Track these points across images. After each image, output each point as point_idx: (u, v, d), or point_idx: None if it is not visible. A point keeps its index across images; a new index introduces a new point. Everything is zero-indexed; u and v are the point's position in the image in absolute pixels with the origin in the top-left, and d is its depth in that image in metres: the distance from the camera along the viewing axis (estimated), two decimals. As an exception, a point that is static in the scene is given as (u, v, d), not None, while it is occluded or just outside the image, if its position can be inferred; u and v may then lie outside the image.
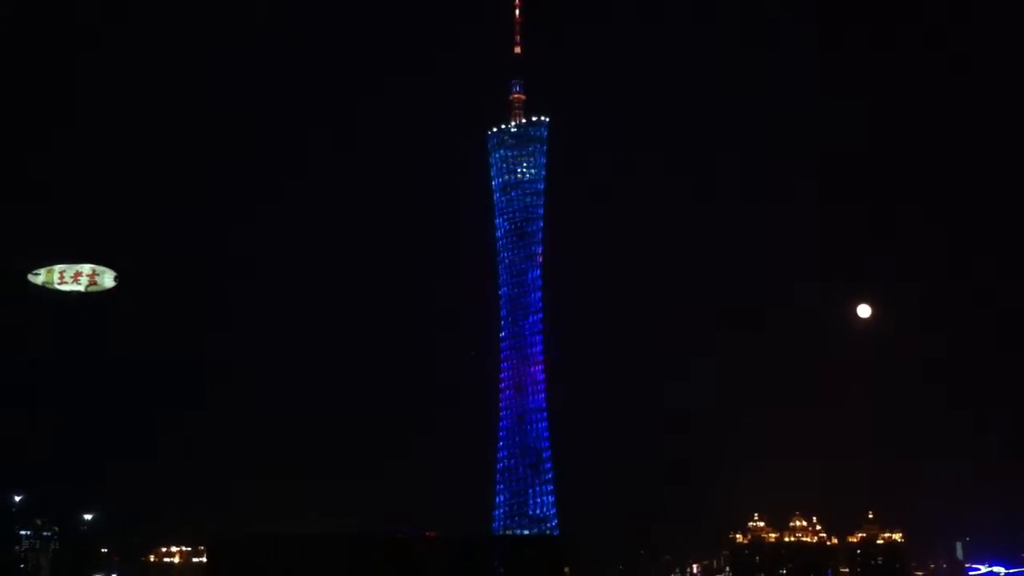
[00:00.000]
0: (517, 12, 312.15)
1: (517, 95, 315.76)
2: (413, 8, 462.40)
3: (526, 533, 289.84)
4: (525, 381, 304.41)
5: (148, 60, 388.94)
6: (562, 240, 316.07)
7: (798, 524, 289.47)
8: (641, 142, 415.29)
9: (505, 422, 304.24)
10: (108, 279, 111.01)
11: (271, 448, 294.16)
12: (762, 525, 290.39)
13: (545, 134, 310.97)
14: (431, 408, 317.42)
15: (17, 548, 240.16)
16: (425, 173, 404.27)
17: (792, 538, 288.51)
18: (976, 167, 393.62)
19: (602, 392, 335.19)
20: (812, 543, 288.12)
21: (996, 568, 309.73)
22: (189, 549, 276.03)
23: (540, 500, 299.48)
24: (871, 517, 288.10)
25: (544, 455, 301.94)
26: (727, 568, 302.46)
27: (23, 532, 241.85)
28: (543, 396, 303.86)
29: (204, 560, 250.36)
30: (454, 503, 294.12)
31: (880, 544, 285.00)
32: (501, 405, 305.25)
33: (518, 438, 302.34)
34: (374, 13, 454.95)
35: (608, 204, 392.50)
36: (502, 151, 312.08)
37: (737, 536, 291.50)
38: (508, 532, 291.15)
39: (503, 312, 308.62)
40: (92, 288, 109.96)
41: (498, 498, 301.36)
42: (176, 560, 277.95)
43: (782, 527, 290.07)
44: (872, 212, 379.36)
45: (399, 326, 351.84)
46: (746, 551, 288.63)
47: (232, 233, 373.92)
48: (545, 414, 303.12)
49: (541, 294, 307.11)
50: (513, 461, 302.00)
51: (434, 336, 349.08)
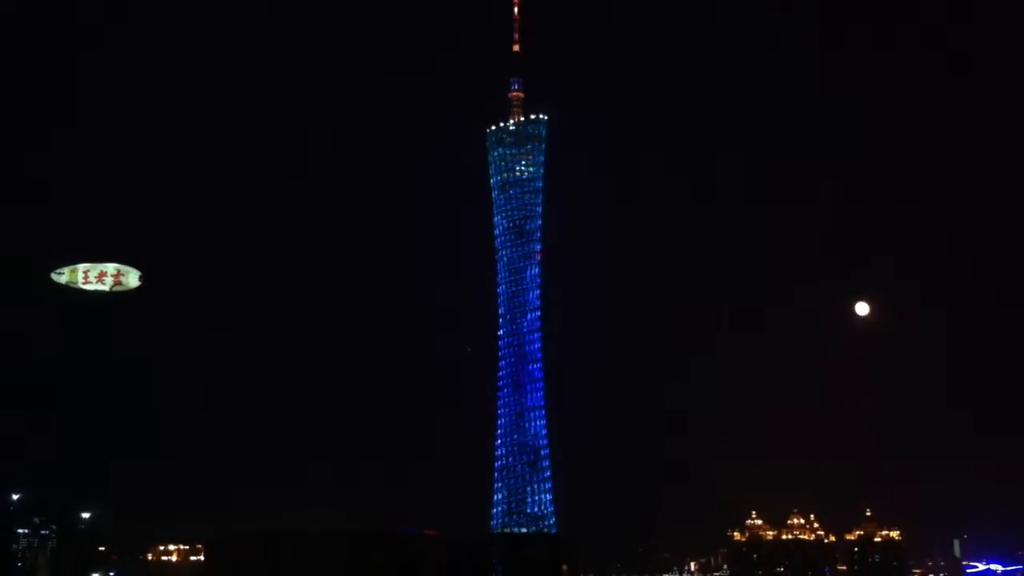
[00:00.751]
0: (516, 10, 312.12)
1: (516, 93, 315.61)
2: (412, 7, 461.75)
3: (524, 531, 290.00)
4: (523, 379, 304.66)
5: (148, 60, 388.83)
6: (561, 238, 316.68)
7: (796, 522, 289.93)
8: (641, 140, 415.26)
9: (503, 420, 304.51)
10: (133, 278, 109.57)
11: (270, 447, 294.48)
12: (760, 523, 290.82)
13: (544, 132, 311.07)
14: (430, 407, 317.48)
15: (15, 547, 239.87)
16: (424, 172, 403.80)
17: (790, 536, 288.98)
18: (976, 167, 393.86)
19: (600, 390, 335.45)
20: (810, 541, 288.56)
21: (993, 565, 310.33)
22: (187, 548, 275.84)
23: (538, 498, 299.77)
24: (869, 515, 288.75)
25: (542, 453, 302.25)
26: (725, 566, 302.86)
27: (21, 531, 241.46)
28: (541, 394, 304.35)
29: (202, 559, 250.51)
30: (453, 501, 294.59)
31: (878, 542, 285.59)
32: (499, 403, 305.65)
33: (516, 436, 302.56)
34: (373, 13, 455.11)
35: (607, 202, 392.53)
36: (501, 149, 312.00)
37: (735, 534, 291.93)
38: (506, 530, 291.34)
39: (501, 310, 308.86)
40: (117, 288, 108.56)
41: (496, 496, 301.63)
42: (174, 559, 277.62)
43: (780, 525, 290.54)
44: (872, 211, 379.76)
45: (397, 325, 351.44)
46: (744, 549, 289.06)
47: (232, 233, 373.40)
48: (543, 412, 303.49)
49: (540, 292, 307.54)
50: (511, 459, 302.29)
51: (432, 335, 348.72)
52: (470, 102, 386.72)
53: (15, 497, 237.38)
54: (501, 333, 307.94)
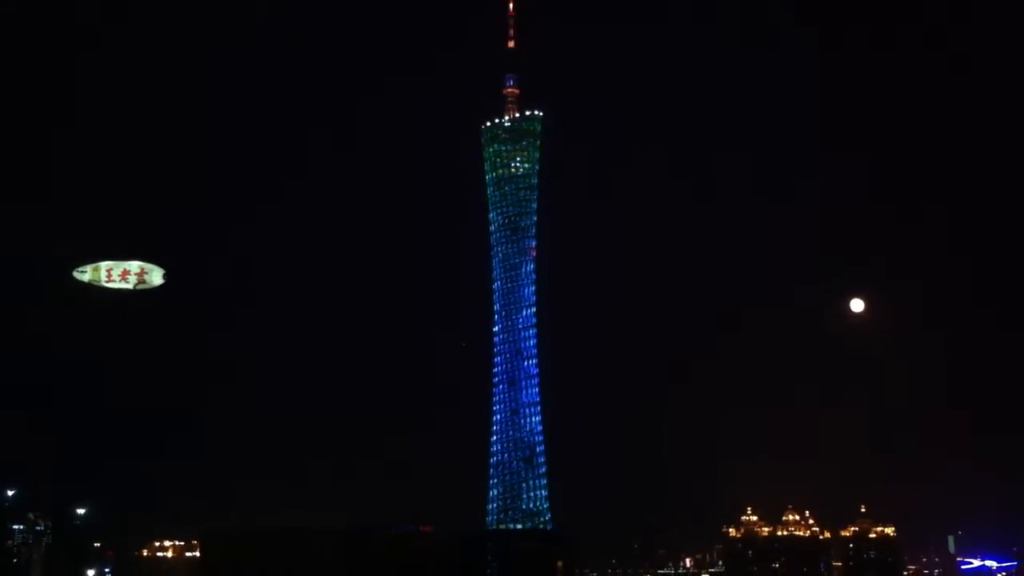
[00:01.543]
0: (511, 6, 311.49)
1: (511, 89, 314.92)
2: (407, 4, 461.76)
3: (520, 527, 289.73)
4: (518, 375, 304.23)
5: (148, 60, 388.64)
6: (556, 234, 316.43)
7: (791, 518, 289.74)
8: (636, 136, 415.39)
9: (499, 416, 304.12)
10: (157, 276, 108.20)
11: (266, 444, 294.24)
12: (755, 519, 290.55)
13: (539, 128, 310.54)
14: (425, 404, 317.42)
15: (10, 543, 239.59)
16: (419, 168, 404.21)
17: (785, 532, 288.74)
18: (977, 166, 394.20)
19: (596, 387, 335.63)
20: (805, 537, 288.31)
21: (988, 562, 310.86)
22: (182, 543, 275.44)
23: (533, 494, 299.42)
24: (864, 511, 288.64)
25: (538, 450, 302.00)
26: (720, 562, 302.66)
27: (15, 527, 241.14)
28: (536, 390, 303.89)
29: (197, 555, 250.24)
30: (448, 498, 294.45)
31: (873, 538, 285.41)
32: (494, 399, 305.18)
33: (512, 433, 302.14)
34: (369, 11, 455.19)
35: (603, 198, 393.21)
36: (496, 145, 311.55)
37: (730, 530, 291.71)
38: (502, 526, 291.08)
39: (497, 306, 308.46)
40: (140, 286, 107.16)
41: (492, 492, 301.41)
42: (169, 555, 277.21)
43: (775, 521, 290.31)
44: (873, 211, 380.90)
45: (394, 322, 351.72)
46: (739, 545, 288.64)
47: (232, 233, 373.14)
48: (539, 408, 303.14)
49: (535, 288, 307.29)
50: (507, 456, 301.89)
51: (428, 332, 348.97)
52: (465, 98, 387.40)
53: (10, 493, 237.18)
54: (496, 329, 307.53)
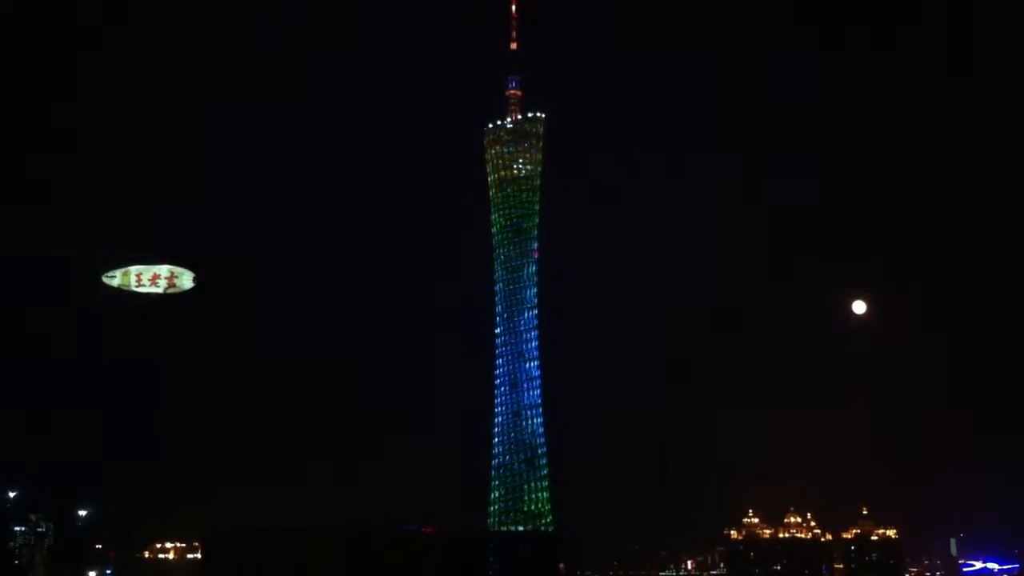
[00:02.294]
0: (513, 8, 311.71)
1: (513, 91, 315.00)
2: (409, 6, 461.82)
3: (521, 529, 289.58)
4: (520, 377, 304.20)
5: (146, 60, 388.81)
6: (559, 236, 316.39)
7: (793, 520, 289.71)
8: (637, 137, 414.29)
9: (500, 418, 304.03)
10: (187, 280, 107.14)
11: (268, 445, 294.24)
12: (757, 521, 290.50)
13: (542, 130, 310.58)
14: (427, 405, 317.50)
15: (12, 544, 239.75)
16: (421, 170, 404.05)
17: (787, 534, 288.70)
18: (977, 166, 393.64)
19: (597, 388, 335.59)
20: (807, 539, 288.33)
21: (990, 564, 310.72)
22: (184, 545, 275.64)
23: (535, 496, 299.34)
24: (866, 513, 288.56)
25: (539, 452, 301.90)
26: (722, 564, 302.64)
27: (17, 528, 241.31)
28: (538, 392, 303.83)
29: (199, 556, 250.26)
30: (450, 499, 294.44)
31: (875, 540, 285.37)
32: (496, 401, 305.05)
33: (514, 434, 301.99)
34: (372, 11, 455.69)
35: (605, 200, 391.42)
36: (498, 147, 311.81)
37: (732, 532, 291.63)
38: (503, 528, 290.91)
39: (499, 308, 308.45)
40: (171, 290, 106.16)
41: (493, 494, 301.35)
42: (171, 556, 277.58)
43: (777, 523, 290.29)
44: (873, 211, 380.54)
45: (395, 323, 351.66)
46: (741, 547, 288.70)
47: (231, 232, 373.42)
48: (540, 411, 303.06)
49: (537, 290, 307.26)
50: (508, 457, 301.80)
51: (430, 333, 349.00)
52: (467, 100, 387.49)
53: (12, 495, 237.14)
54: (498, 331, 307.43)
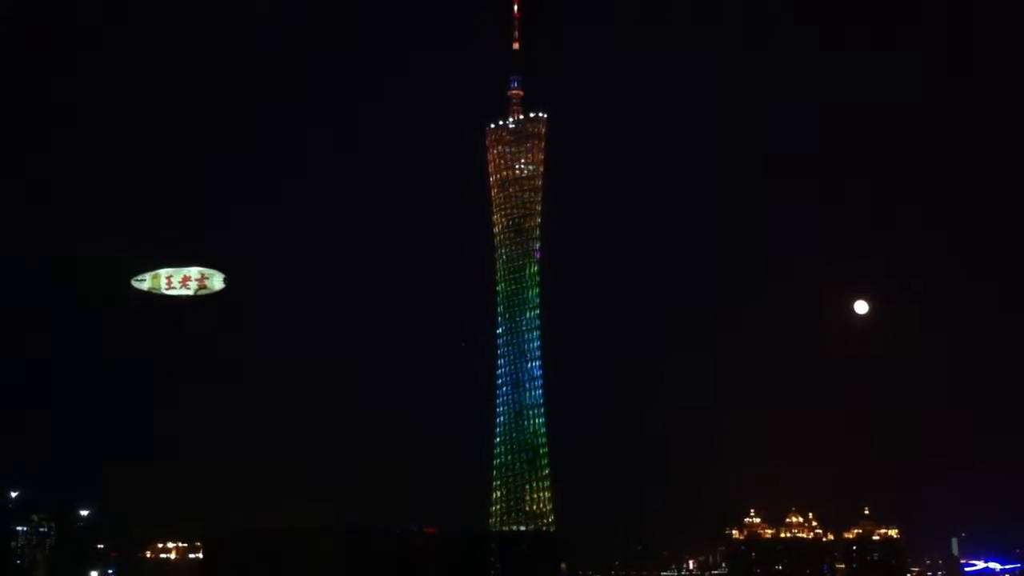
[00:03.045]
0: (516, 8, 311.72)
1: (515, 91, 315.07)
2: (410, 5, 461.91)
3: (523, 529, 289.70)
4: (522, 377, 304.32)
5: (148, 60, 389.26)
6: (560, 236, 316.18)
7: (794, 520, 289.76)
8: (640, 138, 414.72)
9: (502, 418, 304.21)
10: (217, 281, 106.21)
11: (268, 445, 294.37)
12: (758, 521, 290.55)
13: (543, 130, 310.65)
14: (428, 405, 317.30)
15: (14, 544, 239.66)
16: (423, 170, 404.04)
17: (788, 534, 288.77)
18: (977, 167, 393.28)
19: (599, 389, 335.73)
20: (808, 539, 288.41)
21: (992, 564, 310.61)
22: (185, 545, 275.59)
23: (537, 496, 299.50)
24: (867, 513, 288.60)
25: (541, 451, 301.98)
26: (723, 564, 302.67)
27: (20, 528, 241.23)
28: (540, 392, 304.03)
29: (200, 556, 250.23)
30: (452, 499, 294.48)
31: (876, 540, 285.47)
32: (498, 401, 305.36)
33: (515, 434, 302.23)
34: (372, 11, 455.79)
35: (606, 200, 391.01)
36: (500, 147, 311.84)
37: (733, 532, 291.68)
38: (505, 528, 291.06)
39: (500, 308, 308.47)
40: (201, 291, 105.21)
41: (495, 494, 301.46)
42: (172, 556, 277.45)
43: (778, 523, 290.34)
44: (872, 211, 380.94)
45: (397, 323, 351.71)
46: (742, 547, 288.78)
47: (230, 231, 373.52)
48: (542, 410, 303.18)
49: (539, 290, 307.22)
50: (510, 457, 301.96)
51: (432, 333, 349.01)
52: (469, 100, 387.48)
53: (14, 495, 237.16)
54: (500, 331, 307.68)
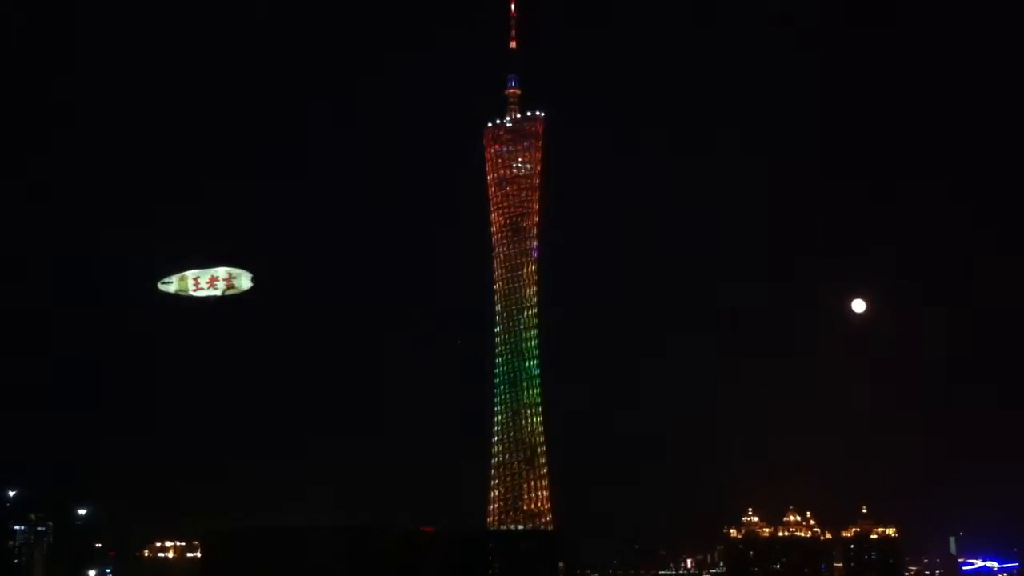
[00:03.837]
0: (513, 7, 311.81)
1: (513, 90, 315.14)
2: (408, 5, 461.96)
3: (521, 528, 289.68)
4: (520, 376, 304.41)
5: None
6: (558, 235, 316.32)
7: (792, 519, 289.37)
8: (638, 138, 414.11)
9: (500, 417, 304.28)
10: (245, 281, 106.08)
11: (268, 444, 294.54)
12: (756, 520, 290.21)
13: (541, 129, 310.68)
14: (428, 403, 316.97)
15: (11, 543, 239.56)
16: (421, 168, 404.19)
17: (786, 533, 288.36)
18: (978, 168, 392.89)
19: (597, 388, 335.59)
20: (806, 538, 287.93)
21: (989, 563, 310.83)
22: (184, 544, 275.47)
23: (535, 495, 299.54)
24: (865, 512, 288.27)
25: (539, 450, 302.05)
26: (721, 562, 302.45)
27: (17, 527, 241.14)
28: (538, 391, 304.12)
29: (199, 555, 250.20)
30: (449, 498, 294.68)
31: (874, 539, 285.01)
32: (496, 400, 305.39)
33: (513, 433, 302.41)
34: (370, 10, 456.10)
35: (604, 199, 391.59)
36: (498, 146, 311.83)
37: (731, 531, 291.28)
38: (503, 527, 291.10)
39: (498, 307, 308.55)
40: (230, 292, 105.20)
41: (493, 493, 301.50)
42: (171, 555, 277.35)
43: (776, 522, 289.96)
44: (873, 211, 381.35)
45: (392, 321, 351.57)
46: (740, 546, 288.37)
47: (229, 232, 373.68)
48: (540, 409, 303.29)
49: (536, 289, 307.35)
50: (508, 456, 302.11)
51: (430, 331, 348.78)
52: (467, 99, 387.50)
53: (11, 494, 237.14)
54: (497, 330, 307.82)
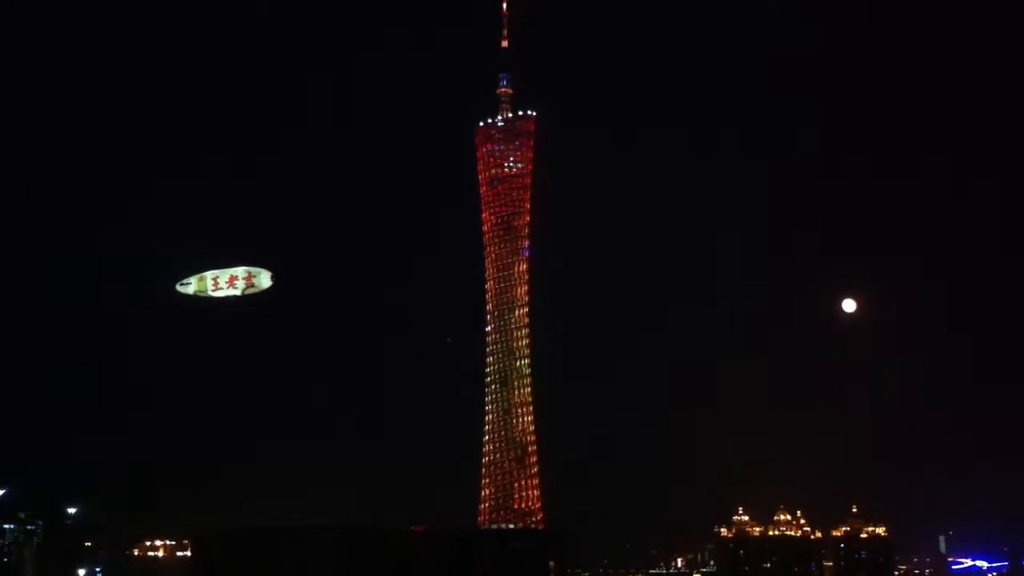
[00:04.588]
0: (504, 6, 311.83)
1: (505, 89, 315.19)
2: (401, 3, 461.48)
3: (512, 527, 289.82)
4: (511, 375, 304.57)
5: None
6: (549, 235, 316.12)
7: (783, 518, 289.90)
8: (631, 136, 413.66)
9: (491, 416, 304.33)
10: (265, 279, 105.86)
11: (260, 444, 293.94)
12: (747, 519, 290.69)
13: (532, 128, 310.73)
14: (419, 403, 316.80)
15: (1, 542, 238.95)
16: (414, 168, 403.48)
17: (777, 532, 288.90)
18: (977, 169, 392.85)
19: (589, 387, 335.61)
20: (797, 537, 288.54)
21: (979, 562, 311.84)
22: (174, 543, 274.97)
23: (526, 494, 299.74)
24: (856, 511, 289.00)
25: (529, 449, 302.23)
26: (712, 561, 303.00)
27: (7, 526, 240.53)
28: (529, 390, 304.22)
29: (189, 555, 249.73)
30: (440, 498, 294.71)
31: (864, 538, 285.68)
32: (486, 399, 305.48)
33: (504, 432, 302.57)
34: (366, 10, 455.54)
35: (596, 198, 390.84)
36: (489, 145, 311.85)
37: (722, 530, 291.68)
38: (494, 526, 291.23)
39: (489, 306, 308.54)
40: (249, 291, 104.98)
41: (484, 492, 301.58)
42: (161, 554, 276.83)
43: (767, 521, 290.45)
44: (872, 211, 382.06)
45: (386, 320, 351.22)
46: (731, 545, 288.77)
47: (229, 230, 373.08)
48: (531, 408, 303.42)
49: (527, 288, 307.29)
50: (499, 455, 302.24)
51: (420, 330, 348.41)
52: (459, 98, 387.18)
53: (1, 492, 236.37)
54: (489, 329, 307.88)
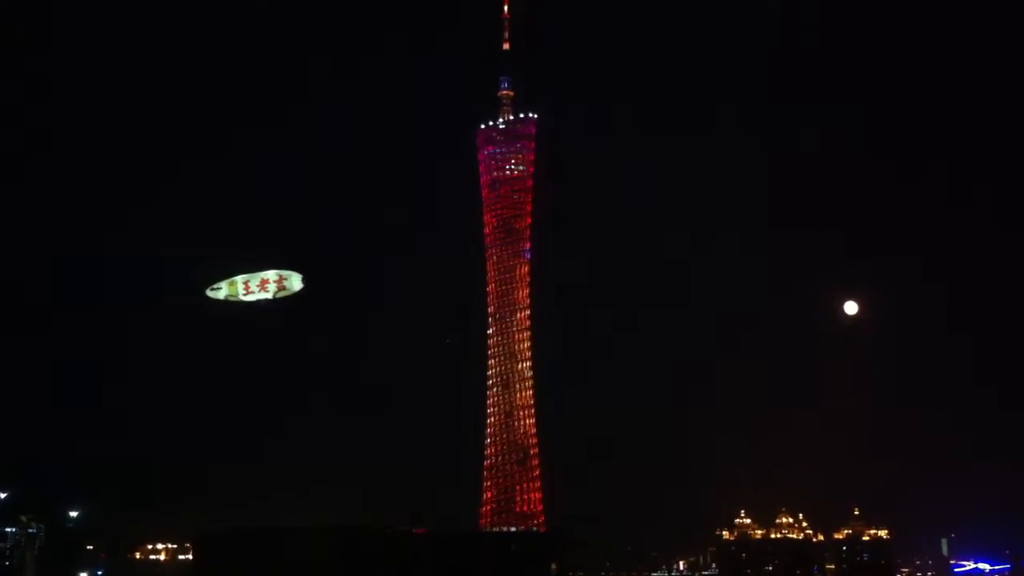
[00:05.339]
0: (505, 9, 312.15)
1: (506, 92, 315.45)
2: (402, 5, 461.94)
3: (513, 530, 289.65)
4: (512, 378, 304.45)
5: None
6: (550, 238, 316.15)
7: (784, 521, 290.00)
8: (631, 138, 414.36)
9: (493, 419, 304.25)
10: (296, 282, 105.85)
11: (260, 445, 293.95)
12: (748, 522, 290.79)
13: (533, 131, 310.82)
14: (419, 405, 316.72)
15: (2, 545, 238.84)
16: (414, 170, 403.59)
17: (778, 535, 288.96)
18: (978, 170, 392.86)
19: (590, 390, 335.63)
20: (798, 540, 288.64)
21: (981, 564, 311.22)
22: (175, 546, 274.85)
23: (527, 497, 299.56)
24: (857, 514, 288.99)
25: (531, 452, 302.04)
26: (714, 564, 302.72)
27: (8, 529, 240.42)
28: (530, 393, 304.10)
29: (190, 557, 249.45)
30: (441, 500, 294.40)
31: (866, 540, 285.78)
32: (488, 401, 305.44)
33: (506, 435, 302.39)
34: (366, 11, 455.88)
35: (598, 200, 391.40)
36: (491, 147, 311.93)
37: (724, 533, 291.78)
38: (495, 529, 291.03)
39: (491, 309, 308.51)
40: (281, 294, 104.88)
41: (485, 494, 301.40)
42: (162, 557, 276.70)
43: (768, 524, 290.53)
44: (872, 211, 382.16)
45: (393, 323, 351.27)
46: (733, 548, 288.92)
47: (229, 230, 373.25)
48: (533, 411, 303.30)
49: (529, 291, 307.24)
50: (501, 458, 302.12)
51: (422, 333, 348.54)
52: (460, 101, 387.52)
53: (2, 495, 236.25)
54: (490, 332, 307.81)
